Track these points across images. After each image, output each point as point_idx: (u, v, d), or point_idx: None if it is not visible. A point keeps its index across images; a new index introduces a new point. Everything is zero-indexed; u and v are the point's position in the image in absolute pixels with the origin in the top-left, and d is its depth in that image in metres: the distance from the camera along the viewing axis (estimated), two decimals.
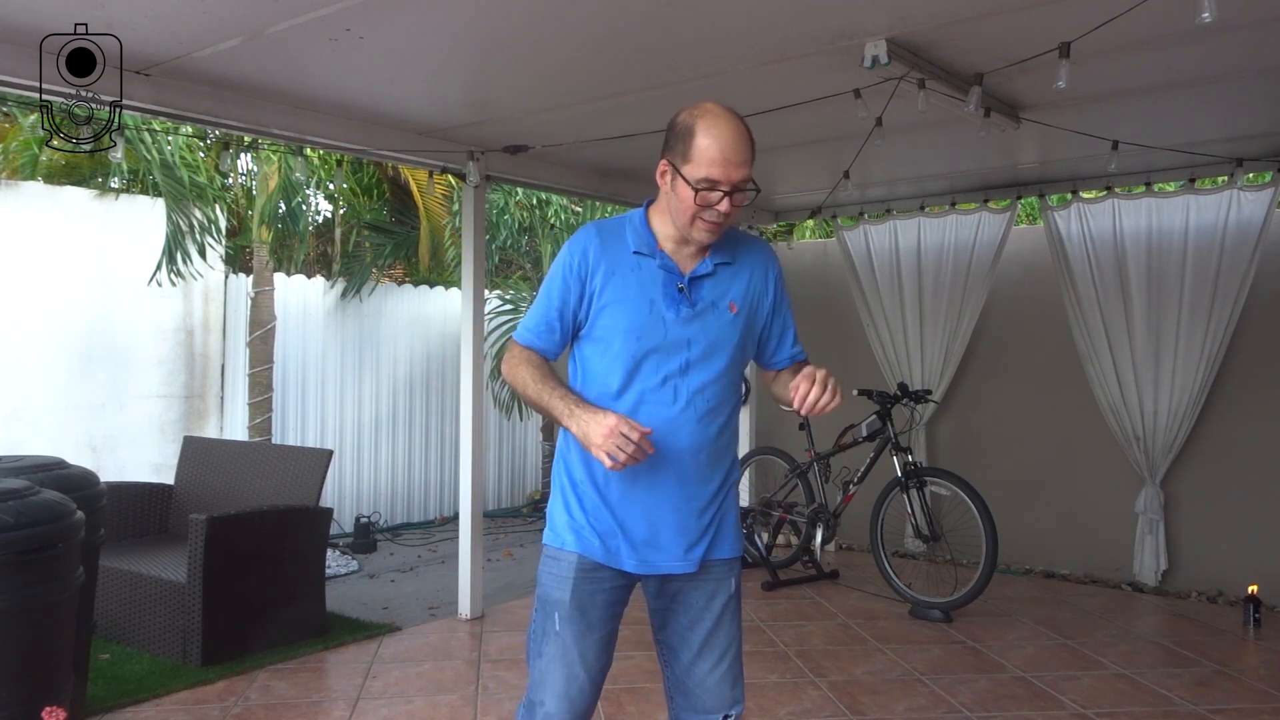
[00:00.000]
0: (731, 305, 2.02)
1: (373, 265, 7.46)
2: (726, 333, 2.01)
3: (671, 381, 1.96)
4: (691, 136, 1.89)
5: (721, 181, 1.88)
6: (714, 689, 2.06)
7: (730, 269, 2.05)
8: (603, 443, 1.81)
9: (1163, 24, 3.07)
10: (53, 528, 2.71)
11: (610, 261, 1.98)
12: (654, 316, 1.96)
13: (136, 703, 3.69)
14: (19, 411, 5.59)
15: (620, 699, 3.77)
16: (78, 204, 5.94)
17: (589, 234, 2.02)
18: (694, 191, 1.88)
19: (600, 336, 1.99)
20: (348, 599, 5.30)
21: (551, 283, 2.02)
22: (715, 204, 1.90)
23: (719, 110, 1.93)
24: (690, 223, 1.94)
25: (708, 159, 1.87)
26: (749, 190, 1.93)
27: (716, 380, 2.01)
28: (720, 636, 2.06)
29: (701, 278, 2.01)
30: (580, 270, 1.98)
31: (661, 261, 1.99)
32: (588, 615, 2.00)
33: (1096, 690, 3.94)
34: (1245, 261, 5.19)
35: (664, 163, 1.96)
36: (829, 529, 5.62)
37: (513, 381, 2.03)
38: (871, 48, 3.22)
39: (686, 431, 1.98)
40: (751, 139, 1.95)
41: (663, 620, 2.10)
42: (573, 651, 1.99)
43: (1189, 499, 5.57)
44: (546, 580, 2.05)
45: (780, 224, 7.53)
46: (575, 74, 3.75)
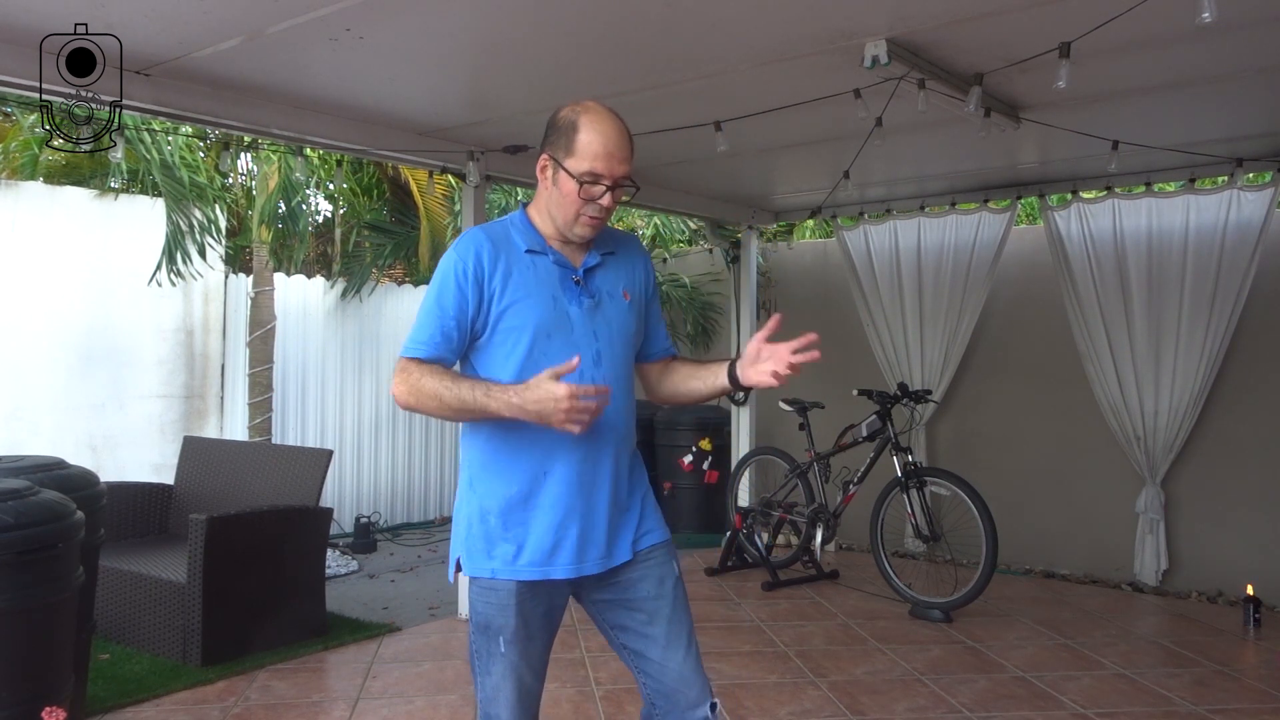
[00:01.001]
0: (625, 293, 2.04)
1: (373, 265, 7.46)
2: (626, 320, 2.03)
3: (588, 375, 1.93)
4: (575, 131, 1.91)
5: (605, 175, 1.90)
6: (692, 677, 2.02)
7: (615, 258, 2.06)
8: (568, 413, 1.76)
9: (1163, 24, 3.07)
10: (53, 528, 2.71)
11: (505, 262, 1.94)
12: (559, 311, 1.94)
13: (136, 703, 3.69)
14: (19, 411, 5.59)
15: (620, 699, 3.76)
16: (78, 204, 5.94)
17: (477, 238, 1.96)
18: (578, 185, 1.89)
19: (504, 340, 1.93)
20: (348, 599, 5.30)
21: (443, 292, 1.92)
22: (598, 198, 1.91)
23: (601, 108, 1.95)
24: (574, 218, 1.94)
25: (591, 153, 1.88)
26: (628, 187, 1.95)
27: (624, 369, 2.03)
28: (681, 622, 2.04)
29: (593, 269, 2.01)
30: (476, 274, 1.91)
31: (555, 257, 1.98)
32: (531, 628, 1.96)
33: (1096, 690, 3.94)
34: (1245, 261, 5.18)
35: (544, 157, 1.96)
36: (829, 529, 5.62)
37: (418, 398, 1.87)
38: (871, 48, 3.22)
39: (609, 422, 1.96)
40: (631, 139, 1.96)
41: (617, 622, 2.06)
42: (521, 665, 1.96)
43: (1189, 499, 5.57)
44: (483, 609, 1.96)
45: (780, 224, 7.53)
46: (575, 74, 3.75)
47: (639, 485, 2.09)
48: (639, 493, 2.08)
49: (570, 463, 1.94)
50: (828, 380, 6.59)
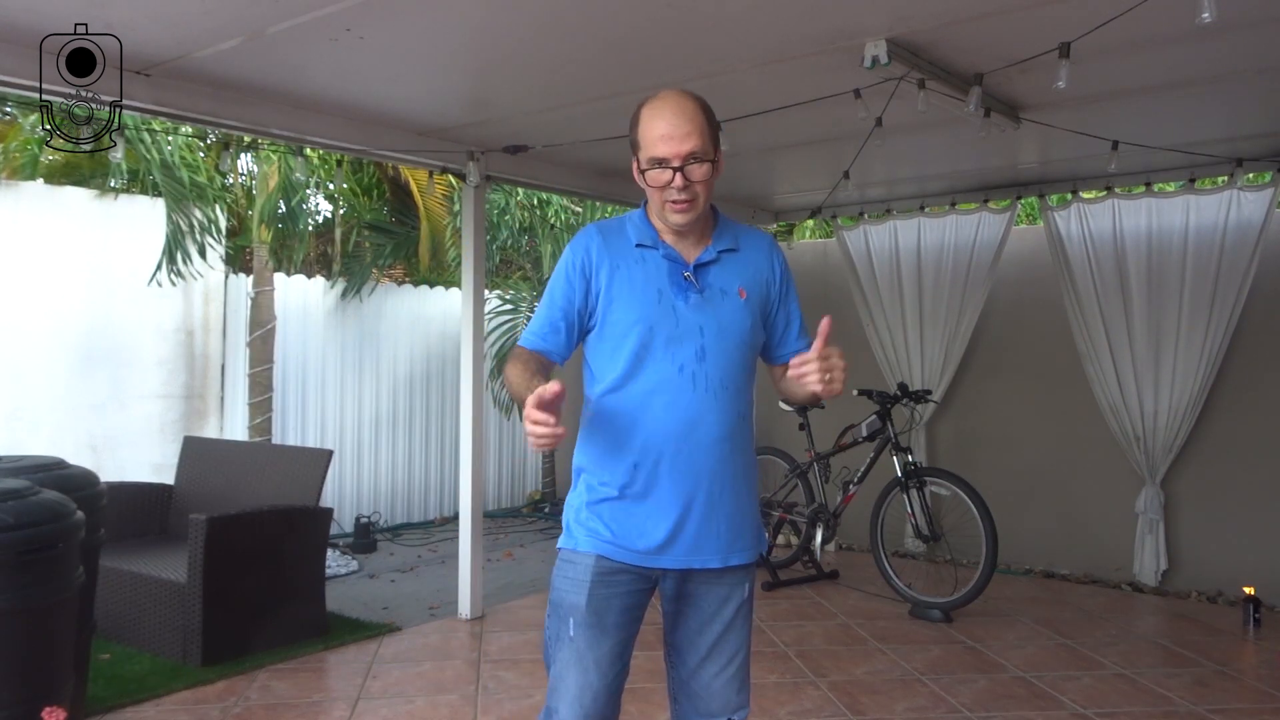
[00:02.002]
0: (741, 291, 2.00)
1: (373, 265, 7.46)
2: (738, 318, 1.99)
3: (689, 369, 1.93)
4: (637, 125, 1.95)
5: (669, 157, 1.89)
6: (719, 692, 2.03)
7: (735, 255, 2.03)
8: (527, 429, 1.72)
9: (1163, 24, 3.07)
10: (53, 528, 2.71)
11: (614, 256, 1.97)
12: (664, 305, 1.94)
13: (136, 703, 3.69)
14: (19, 411, 5.59)
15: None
16: (78, 204, 5.94)
17: (590, 233, 2.02)
18: (645, 174, 1.92)
19: (611, 333, 1.96)
20: (348, 599, 5.30)
21: (555, 285, 2.01)
22: (669, 182, 1.90)
23: (665, 92, 1.96)
24: (661, 207, 1.95)
25: (650, 139, 1.91)
26: (705, 159, 1.91)
27: (733, 366, 1.98)
28: (730, 641, 2.03)
29: (706, 264, 1.99)
30: (584, 268, 1.97)
31: (665, 251, 1.98)
32: (603, 620, 1.95)
33: (1096, 690, 3.94)
34: (1245, 261, 5.19)
35: (634, 162, 1.99)
36: (829, 529, 5.62)
37: (506, 383, 1.96)
38: (871, 48, 3.22)
39: (711, 418, 1.94)
40: (699, 109, 1.93)
41: (674, 622, 2.08)
42: (587, 657, 1.94)
43: (1189, 499, 5.57)
44: (560, 584, 1.99)
45: (780, 224, 7.53)
46: (575, 74, 3.75)
47: (744, 497, 2.04)
48: (744, 505, 2.04)
49: (663, 454, 1.93)
50: None
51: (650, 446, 1.93)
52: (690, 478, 1.94)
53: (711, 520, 1.97)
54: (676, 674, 2.09)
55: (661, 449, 1.93)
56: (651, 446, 1.93)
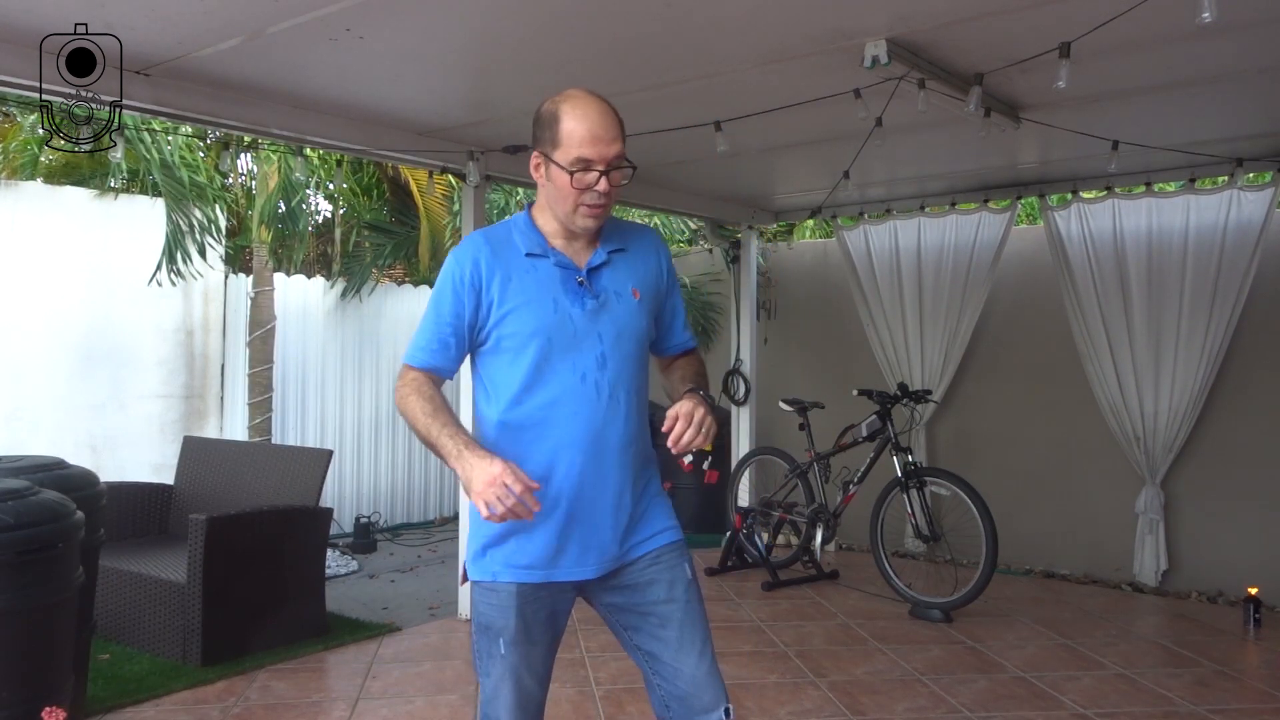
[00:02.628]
0: (634, 291, 1.98)
1: (373, 265, 7.46)
2: (634, 319, 1.97)
3: (591, 377, 1.91)
4: (557, 122, 1.87)
5: (595, 160, 1.85)
6: (706, 682, 2.00)
7: (624, 255, 2.01)
8: (483, 490, 1.73)
9: (1163, 24, 3.07)
10: (53, 528, 2.71)
11: (504, 267, 1.91)
12: (560, 315, 1.90)
13: (136, 703, 3.69)
14: (19, 411, 5.59)
15: (620, 699, 3.76)
16: (78, 204, 5.94)
17: (476, 243, 1.94)
18: (570, 175, 1.85)
19: (507, 346, 1.91)
20: (348, 599, 5.30)
21: (441, 298, 1.92)
22: (593, 184, 1.86)
23: (581, 92, 1.90)
24: (573, 210, 1.89)
25: (577, 139, 1.84)
26: (625, 167, 1.90)
27: (633, 369, 1.97)
28: (694, 625, 2.00)
29: (598, 268, 1.96)
30: (474, 280, 1.90)
31: (556, 259, 1.94)
32: (532, 633, 1.95)
33: (1096, 690, 3.94)
34: (1245, 261, 5.18)
35: (535, 155, 1.92)
36: (829, 529, 5.62)
37: (403, 411, 1.91)
38: (871, 48, 3.22)
39: (615, 425, 1.93)
40: (619, 116, 1.91)
41: (630, 624, 2.04)
42: (521, 668, 1.95)
43: (1189, 499, 5.57)
44: (485, 610, 1.96)
45: (780, 224, 7.53)
46: (575, 74, 3.74)
47: (650, 487, 2.05)
48: (650, 494, 2.04)
49: (573, 465, 1.91)
50: (828, 380, 6.61)
51: (559, 460, 1.91)
52: (601, 486, 1.93)
53: (621, 519, 1.97)
54: (660, 679, 2.03)
55: (570, 461, 1.91)
56: (560, 460, 1.91)
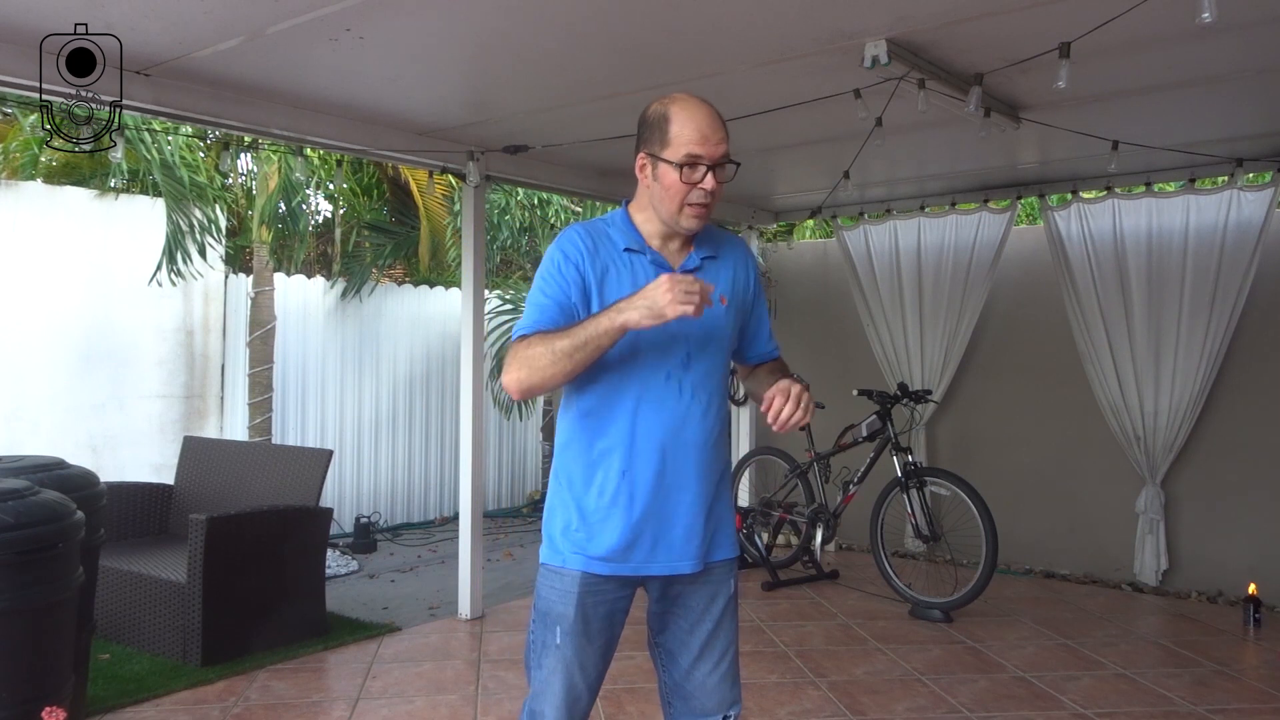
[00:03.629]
0: (722, 298, 2.01)
1: (373, 265, 7.46)
2: (720, 325, 2.01)
3: (675, 376, 1.94)
4: (667, 122, 1.91)
5: (704, 157, 1.89)
6: (713, 690, 2.04)
7: (716, 263, 2.05)
8: (670, 300, 1.72)
9: (1163, 24, 3.07)
10: (53, 528, 2.71)
11: (603, 259, 1.95)
12: None
13: (136, 703, 3.69)
14: (19, 411, 5.59)
15: (620, 699, 3.76)
16: (78, 204, 5.94)
17: (577, 233, 1.98)
18: (679, 170, 1.89)
19: None
20: (348, 599, 5.30)
21: (546, 281, 1.94)
22: (700, 181, 1.90)
23: (690, 96, 1.95)
24: (679, 209, 1.93)
25: (687, 138, 1.89)
26: (730, 165, 1.94)
27: (714, 373, 2.01)
28: (720, 639, 2.04)
29: (691, 271, 1.99)
30: (578, 263, 1.93)
31: (652, 257, 1.98)
32: (590, 627, 1.97)
33: (1096, 690, 3.94)
34: (1245, 261, 5.18)
35: (641, 156, 1.96)
36: (829, 529, 5.62)
37: (530, 368, 1.83)
38: (871, 48, 3.22)
39: (694, 425, 1.96)
40: (723, 120, 1.96)
41: (662, 624, 2.08)
42: (574, 664, 1.96)
43: (1189, 499, 5.57)
44: (548, 594, 1.99)
45: (780, 224, 7.53)
46: (575, 74, 3.75)
47: (724, 496, 2.08)
48: (723, 504, 2.07)
49: (651, 460, 1.93)
50: (828, 380, 6.60)
51: (637, 454, 1.93)
52: (676, 485, 1.96)
53: (695, 525, 1.99)
54: (669, 676, 2.09)
55: (649, 456, 1.94)
56: (639, 454, 1.93)
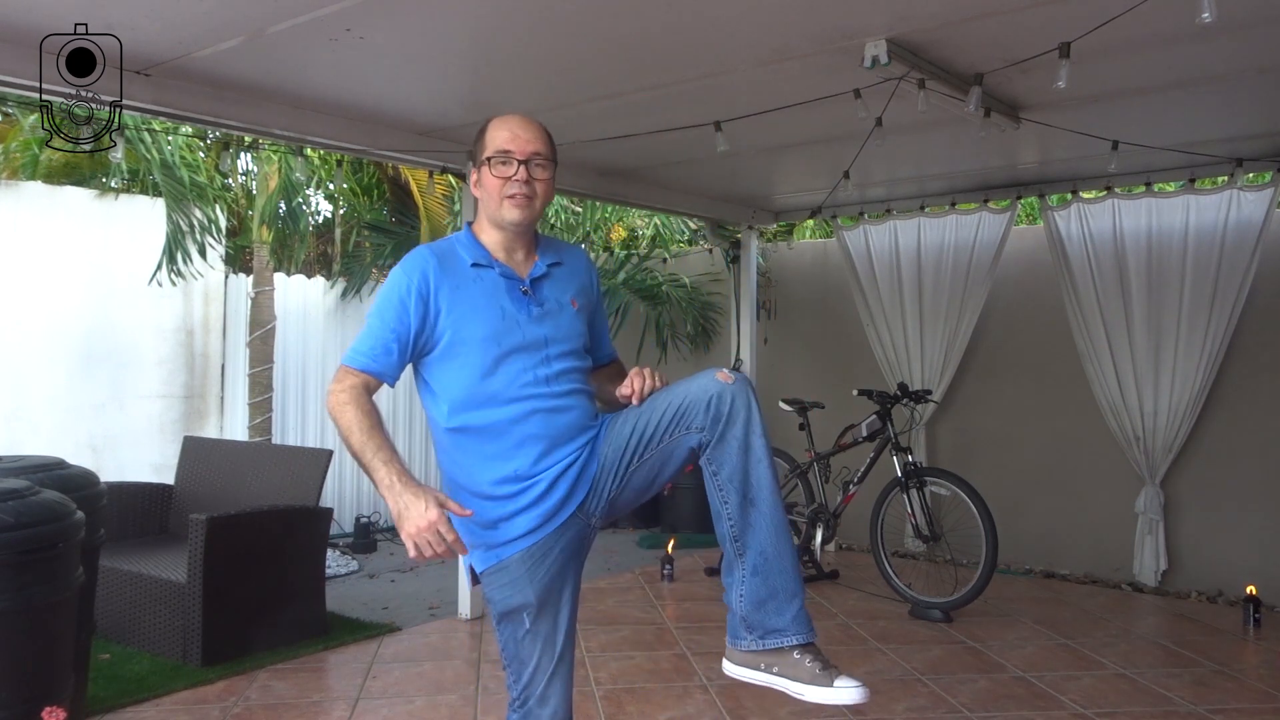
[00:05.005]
0: (573, 301, 2.10)
1: (373, 265, 7.46)
2: (574, 327, 2.08)
3: (541, 374, 1.99)
4: (484, 134, 2.05)
5: (514, 151, 1.99)
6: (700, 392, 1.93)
7: (562, 269, 2.12)
8: (415, 534, 1.77)
9: (1163, 24, 3.08)
10: (53, 528, 2.71)
11: (452, 278, 1.99)
12: (508, 321, 1.99)
13: (136, 703, 3.69)
14: (19, 411, 5.59)
15: (620, 699, 3.76)
16: (78, 204, 5.94)
17: (424, 255, 2.02)
18: (490, 165, 1.99)
19: (456, 353, 1.98)
20: (348, 599, 5.30)
21: (386, 306, 1.97)
22: (513, 174, 1.98)
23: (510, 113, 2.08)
24: (499, 204, 2.00)
25: (498, 139, 2.01)
26: (548, 162, 2.02)
27: (577, 369, 2.06)
28: (645, 407, 1.99)
29: (540, 279, 2.06)
30: (421, 290, 1.96)
31: (500, 270, 2.03)
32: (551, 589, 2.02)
33: (1096, 690, 3.94)
34: (1245, 261, 5.18)
35: (472, 172, 2.07)
36: (829, 529, 5.62)
37: (338, 420, 1.91)
38: (871, 48, 3.22)
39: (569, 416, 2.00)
40: (545, 128, 2.06)
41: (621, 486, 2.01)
42: (552, 630, 2.04)
43: (1189, 499, 5.57)
44: (500, 595, 2.02)
45: (780, 224, 7.53)
46: (575, 74, 3.75)
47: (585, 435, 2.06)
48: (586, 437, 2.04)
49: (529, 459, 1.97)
50: (828, 380, 6.61)
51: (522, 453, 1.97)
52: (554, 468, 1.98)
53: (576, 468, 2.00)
54: (711, 477, 1.94)
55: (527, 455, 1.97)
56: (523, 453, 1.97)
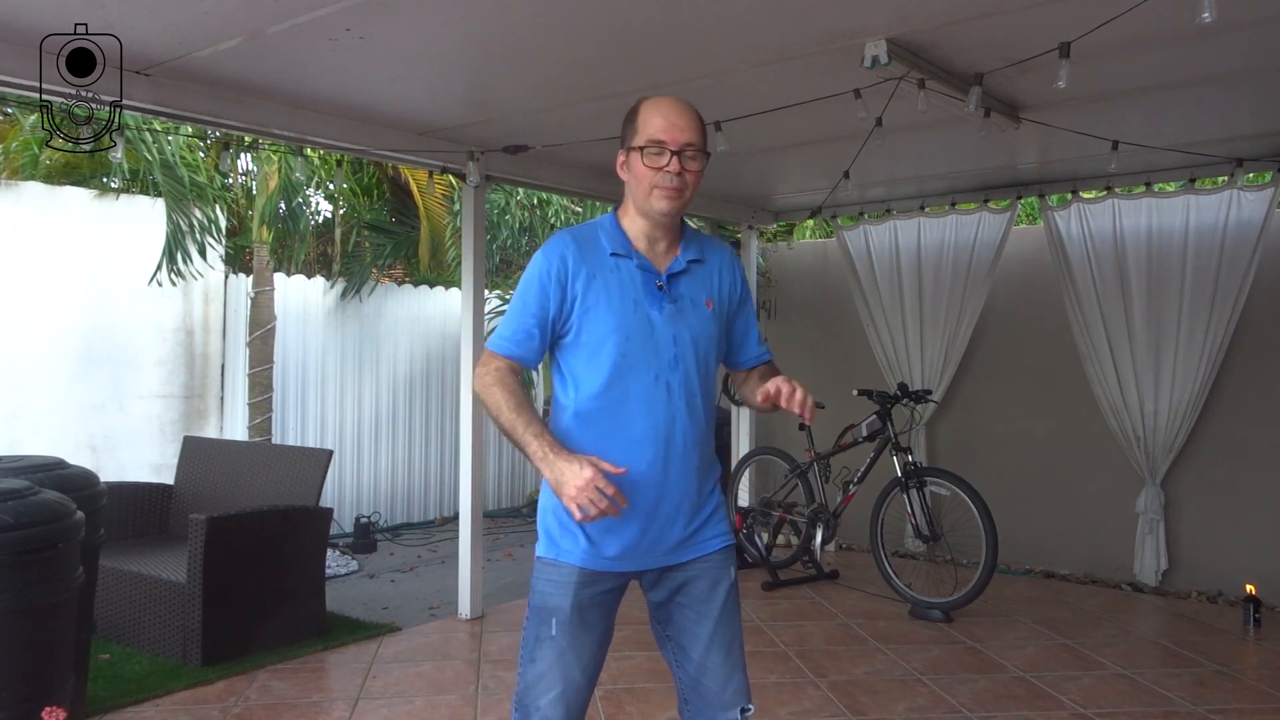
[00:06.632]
0: (708, 301, 2.07)
1: (373, 265, 7.46)
2: (707, 327, 2.06)
3: (663, 378, 1.99)
4: (635, 116, 2.01)
5: (668, 142, 1.95)
6: (728, 680, 2.06)
7: (702, 266, 2.09)
8: (576, 494, 1.83)
9: (1163, 24, 3.07)
10: (53, 528, 2.71)
11: (590, 265, 2.00)
12: (639, 315, 1.99)
13: (136, 703, 3.69)
14: (19, 411, 5.59)
15: (620, 699, 3.77)
16: (78, 204, 5.94)
17: (565, 240, 2.03)
18: (641, 153, 1.96)
19: (587, 340, 1.99)
20: (348, 599, 5.30)
21: (528, 290, 2.02)
22: (665, 165, 1.95)
23: (662, 96, 2.03)
24: (648, 194, 1.98)
25: (651, 126, 1.97)
26: (700, 153, 1.99)
27: (701, 375, 2.06)
28: (725, 626, 2.07)
29: (678, 275, 2.05)
30: (560, 275, 1.99)
31: (639, 261, 2.03)
32: (586, 618, 2.01)
33: (1096, 690, 3.94)
34: (1245, 261, 5.18)
35: (620, 154, 2.05)
36: (829, 529, 5.62)
37: (485, 400, 2.00)
38: (871, 48, 3.22)
39: (681, 425, 2.01)
40: (698, 116, 2.02)
41: (667, 615, 2.11)
42: (569, 655, 2.00)
43: (1189, 499, 5.57)
44: (544, 587, 2.04)
45: (780, 224, 7.53)
46: (575, 74, 3.75)
47: (714, 494, 2.12)
48: (711, 499, 2.11)
49: (641, 461, 1.98)
50: (828, 380, 6.60)
51: (628, 455, 1.98)
52: (667, 482, 2.01)
53: (682, 520, 2.04)
54: (684, 673, 2.11)
55: (639, 457, 1.98)
56: (629, 455, 1.98)
